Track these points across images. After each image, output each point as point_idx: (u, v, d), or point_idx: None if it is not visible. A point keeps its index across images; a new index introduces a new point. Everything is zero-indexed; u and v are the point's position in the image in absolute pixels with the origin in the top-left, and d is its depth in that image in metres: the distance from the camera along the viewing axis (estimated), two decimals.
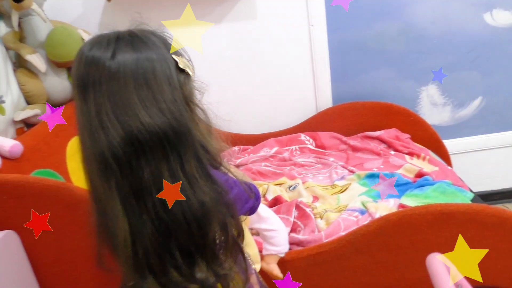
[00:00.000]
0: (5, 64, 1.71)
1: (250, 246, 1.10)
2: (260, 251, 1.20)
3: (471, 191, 1.65)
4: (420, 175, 1.75)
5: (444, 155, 2.06)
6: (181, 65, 0.77)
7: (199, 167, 0.76)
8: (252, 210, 0.96)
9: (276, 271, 1.21)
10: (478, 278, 1.34)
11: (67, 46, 1.76)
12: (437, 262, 0.88)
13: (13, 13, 1.69)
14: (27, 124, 1.77)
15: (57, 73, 1.83)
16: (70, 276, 1.32)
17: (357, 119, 2.19)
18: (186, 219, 0.75)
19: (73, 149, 1.65)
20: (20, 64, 1.82)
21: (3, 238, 1.20)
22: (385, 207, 1.55)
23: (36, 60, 1.73)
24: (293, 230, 1.52)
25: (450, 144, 2.16)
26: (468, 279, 0.89)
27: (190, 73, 0.79)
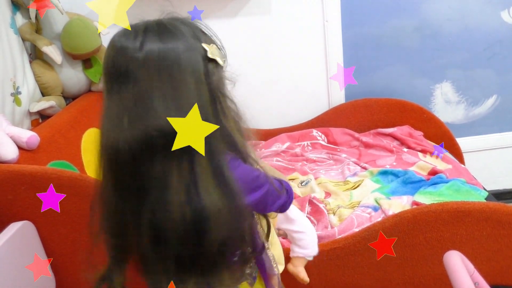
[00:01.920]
0: (22, 55, 1.71)
1: (274, 246, 1.07)
2: (287, 252, 1.16)
3: (484, 189, 1.64)
4: (433, 172, 1.74)
5: (457, 153, 2.06)
6: (210, 55, 0.75)
7: (211, 167, 0.73)
8: (283, 208, 0.92)
9: (302, 274, 1.16)
10: (495, 276, 1.34)
11: (83, 38, 1.76)
12: (455, 260, 0.88)
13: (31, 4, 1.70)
14: (42, 115, 1.79)
15: (73, 65, 1.84)
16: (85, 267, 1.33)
17: (370, 115, 2.18)
18: (184, 222, 0.72)
19: (88, 141, 1.66)
20: (36, 56, 1.83)
21: (20, 229, 1.21)
22: (399, 204, 1.55)
23: (52, 51, 1.74)
24: None
25: (463, 142, 2.15)
26: (485, 277, 0.89)
27: (221, 62, 0.77)
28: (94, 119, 0.84)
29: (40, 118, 1.78)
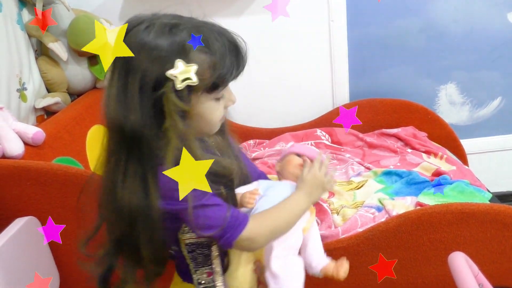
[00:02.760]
0: (28, 51, 1.72)
1: (232, 277, 1.00)
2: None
3: (488, 191, 1.64)
4: (437, 173, 1.74)
5: (461, 154, 2.05)
6: (168, 73, 0.78)
7: (140, 170, 0.82)
8: (220, 242, 0.90)
9: None
10: (499, 278, 1.33)
11: (89, 35, 1.76)
12: (460, 261, 0.88)
13: (38, 1, 1.70)
14: (47, 111, 1.79)
15: (78, 61, 1.85)
16: (89, 263, 1.33)
17: (374, 116, 2.18)
18: (119, 212, 0.84)
19: (93, 138, 1.67)
20: (42, 52, 1.84)
21: (25, 224, 1.22)
22: (402, 205, 1.55)
23: (58, 48, 1.75)
24: None
25: (467, 144, 2.15)
26: (489, 278, 0.89)
27: (178, 83, 0.79)
28: (99, 116, 0.86)
29: (45, 114, 1.78)
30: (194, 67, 0.79)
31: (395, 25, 2.14)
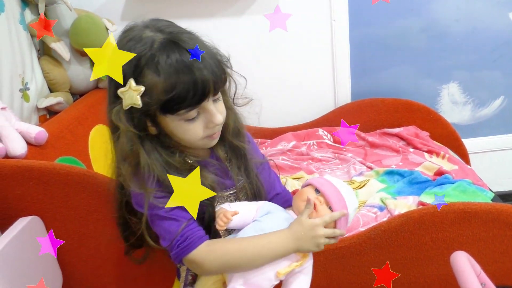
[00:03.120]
0: (30, 51, 1.72)
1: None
2: None
3: (490, 190, 1.64)
4: (439, 173, 1.74)
5: (463, 153, 2.05)
6: (118, 91, 0.84)
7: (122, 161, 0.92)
8: (171, 255, 0.92)
9: None
10: (501, 277, 1.33)
11: (92, 35, 1.77)
12: (463, 260, 0.88)
13: (40, 1, 1.71)
14: (50, 111, 1.80)
15: (80, 61, 1.85)
16: (92, 263, 1.34)
17: (376, 115, 2.18)
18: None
19: (95, 138, 1.67)
20: (44, 52, 1.84)
21: (28, 224, 1.22)
22: (404, 204, 1.55)
23: (61, 48, 1.75)
24: None
25: (469, 143, 2.14)
26: (491, 278, 0.89)
27: (124, 103, 0.84)
28: (101, 116, 0.87)
29: (47, 114, 1.79)
30: (141, 89, 0.80)
31: (397, 24, 2.13)
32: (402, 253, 1.32)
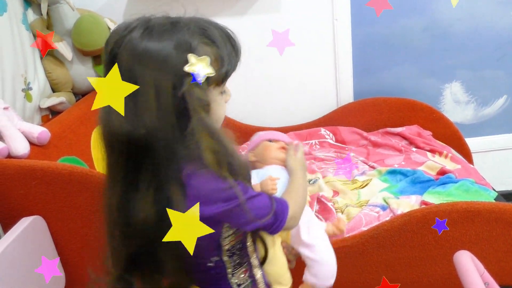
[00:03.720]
0: (33, 51, 1.73)
1: (272, 264, 0.99)
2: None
3: (493, 190, 1.64)
4: (442, 172, 1.73)
5: (466, 153, 2.05)
6: (186, 68, 0.74)
7: (155, 180, 0.76)
8: (269, 231, 0.87)
9: None
10: (504, 277, 1.33)
11: (94, 34, 1.77)
12: (466, 259, 0.88)
13: (42, 1, 1.71)
14: (52, 111, 1.80)
15: (83, 61, 1.85)
16: (94, 263, 1.34)
17: (378, 114, 2.18)
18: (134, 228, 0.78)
19: (97, 138, 1.66)
20: (47, 52, 1.84)
21: (31, 223, 1.22)
22: (407, 204, 1.55)
23: (63, 48, 1.75)
24: None
25: (472, 143, 2.14)
26: (494, 277, 0.89)
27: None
28: None
29: (50, 114, 1.79)
30: (207, 59, 0.76)
31: (400, 24, 2.13)
32: (405, 253, 1.32)
